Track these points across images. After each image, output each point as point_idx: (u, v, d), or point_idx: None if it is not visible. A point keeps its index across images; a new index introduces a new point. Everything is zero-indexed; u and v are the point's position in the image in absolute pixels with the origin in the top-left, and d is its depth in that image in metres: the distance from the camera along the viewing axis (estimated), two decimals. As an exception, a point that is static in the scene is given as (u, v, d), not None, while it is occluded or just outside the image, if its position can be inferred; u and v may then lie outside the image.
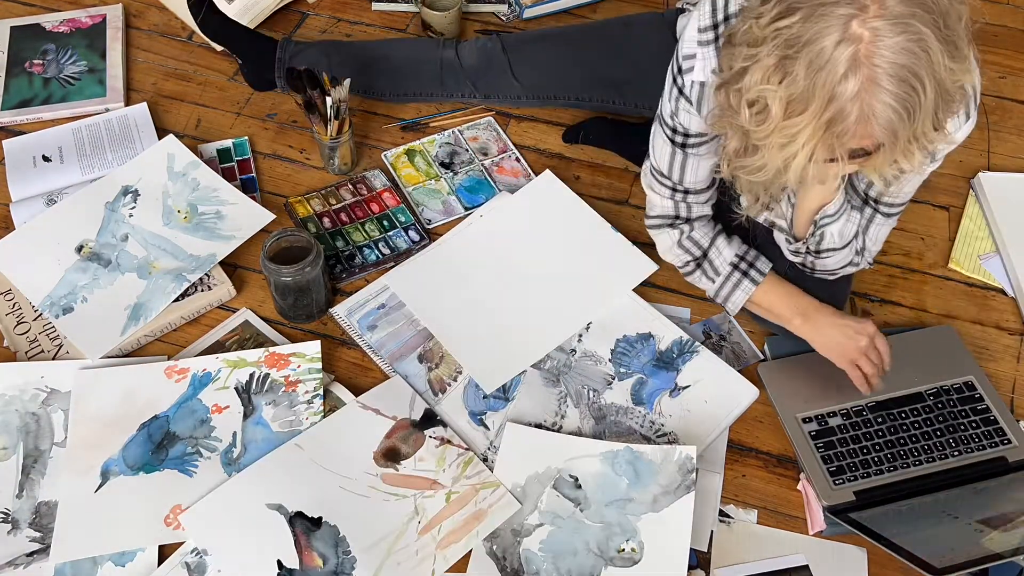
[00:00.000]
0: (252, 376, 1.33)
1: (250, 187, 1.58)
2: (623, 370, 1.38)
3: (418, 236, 1.52)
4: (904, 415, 1.31)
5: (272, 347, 1.36)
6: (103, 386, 1.31)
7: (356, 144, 1.62)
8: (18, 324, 1.39)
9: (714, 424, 1.33)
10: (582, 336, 1.41)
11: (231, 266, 1.47)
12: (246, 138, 1.65)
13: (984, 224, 1.57)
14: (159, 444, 1.27)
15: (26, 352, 1.36)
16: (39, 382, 1.32)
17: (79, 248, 1.45)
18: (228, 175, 1.58)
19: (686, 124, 1.21)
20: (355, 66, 1.63)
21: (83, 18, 1.81)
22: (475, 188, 1.59)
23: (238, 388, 1.32)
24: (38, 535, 1.20)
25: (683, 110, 1.19)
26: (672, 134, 1.23)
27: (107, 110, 1.67)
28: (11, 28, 1.78)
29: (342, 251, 1.50)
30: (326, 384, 1.34)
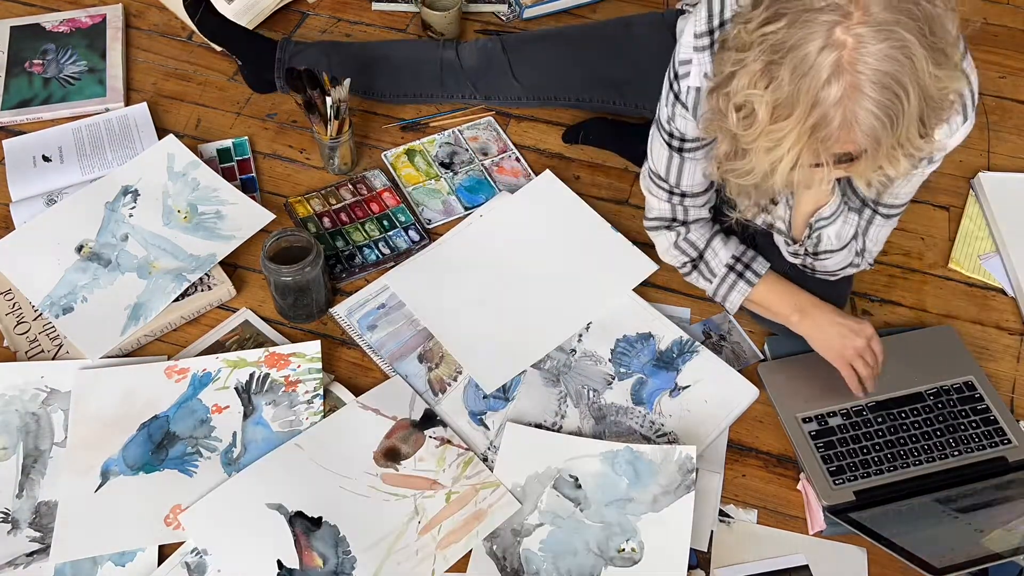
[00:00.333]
0: (252, 376, 1.33)
1: (250, 187, 1.58)
2: (623, 370, 1.38)
3: (418, 236, 1.52)
4: (904, 415, 1.31)
5: (272, 347, 1.36)
6: (103, 386, 1.31)
7: (356, 144, 1.62)
8: (18, 324, 1.39)
9: (714, 424, 1.33)
10: (582, 336, 1.41)
11: (231, 266, 1.47)
12: (246, 138, 1.65)
13: (984, 224, 1.58)
14: (159, 444, 1.27)
15: (26, 352, 1.36)
16: (39, 382, 1.32)
17: (79, 248, 1.45)
18: (228, 175, 1.58)
19: (682, 129, 1.21)
20: (355, 66, 1.63)
21: (83, 18, 1.81)
22: (475, 188, 1.59)
23: (238, 388, 1.32)
24: (38, 535, 1.20)
25: (679, 115, 1.20)
26: (669, 138, 1.24)
27: (107, 110, 1.67)
28: (11, 28, 1.78)
29: (342, 251, 1.50)
30: (326, 384, 1.34)
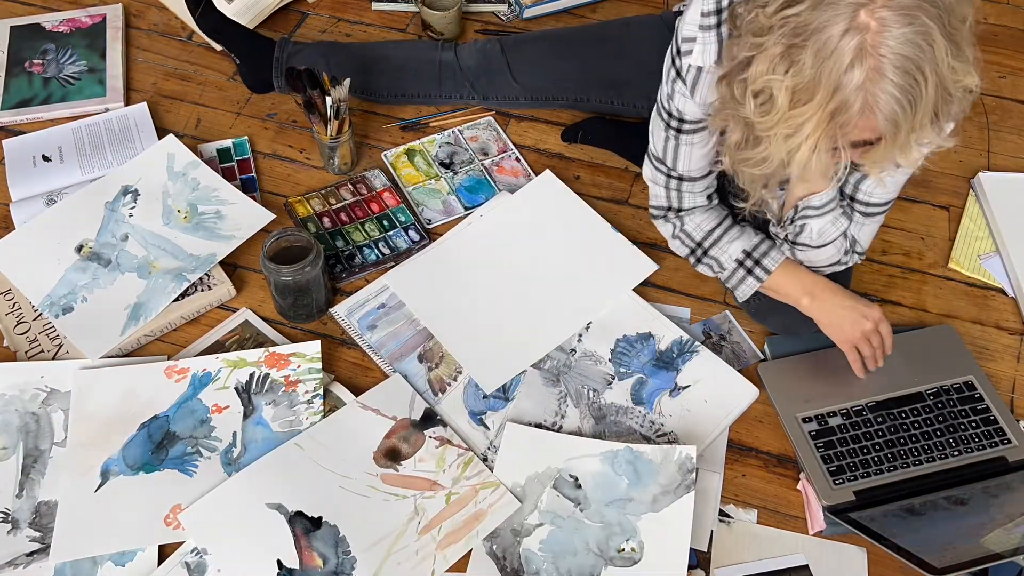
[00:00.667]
0: (252, 376, 1.33)
1: (250, 187, 1.58)
2: (623, 370, 1.38)
3: (418, 236, 1.52)
4: (904, 415, 1.31)
5: (272, 347, 1.36)
6: (103, 386, 1.31)
7: (356, 144, 1.62)
8: (18, 324, 1.39)
9: (714, 424, 1.33)
10: (582, 336, 1.41)
11: (231, 266, 1.47)
12: (246, 138, 1.65)
13: (984, 224, 1.58)
14: (159, 444, 1.27)
15: (26, 352, 1.36)
16: (39, 382, 1.32)
17: (79, 248, 1.45)
18: (228, 175, 1.58)
19: (681, 108, 1.20)
20: (353, 67, 1.63)
21: (83, 18, 1.81)
22: (475, 188, 1.59)
23: (238, 388, 1.32)
24: (38, 535, 1.20)
25: (678, 93, 1.19)
26: (668, 118, 1.23)
27: (107, 110, 1.67)
28: (11, 28, 1.78)
29: (342, 251, 1.50)
30: (326, 384, 1.34)
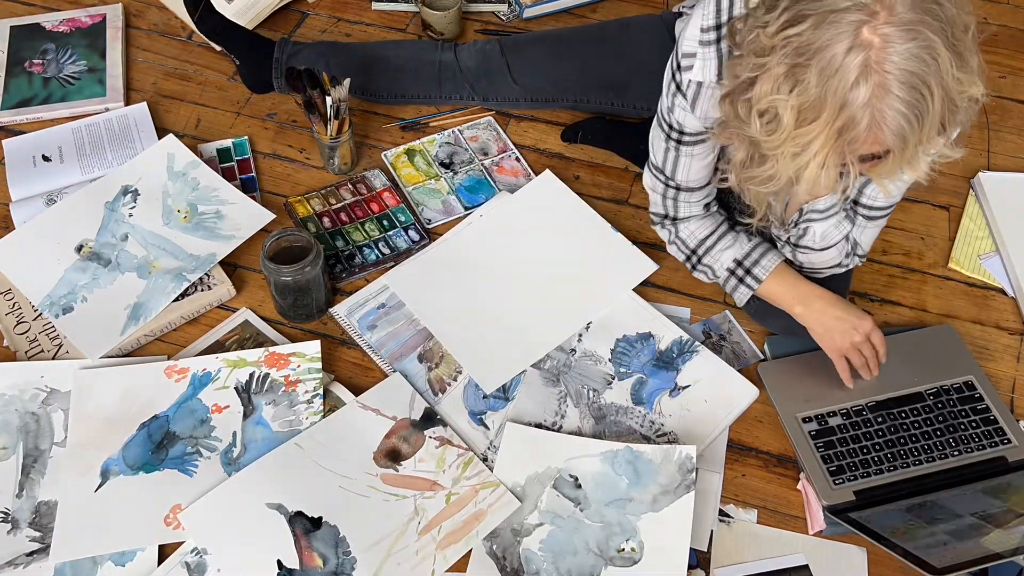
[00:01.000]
0: (252, 376, 1.33)
1: (250, 187, 1.58)
2: (623, 370, 1.38)
3: (418, 236, 1.52)
4: (904, 415, 1.31)
5: (272, 347, 1.36)
6: (103, 386, 1.31)
7: (356, 144, 1.62)
8: (18, 324, 1.39)
9: (714, 424, 1.33)
10: (582, 336, 1.41)
11: (231, 266, 1.47)
12: (246, 138, 1.65)
13: (984, 224, 1.57)
14: (159, 444, 1.27)
15: (26, 352, 1.36)
16: (39, 382, 1.32)
17: (79, 248, 1.45)
18: (228, 175, 1.58)
19: (681, 121, 1.21)
20: (353, 67, 1.63)
21: (83, 18, 1.81)
22: (475, 188, 1.59)
23: (238, 388, 1.32)
24: (38, 535, 1.20)
25: (679, 107, 1.19)
26: (668, 130, 1.24)
27: (107, 110, 1.67)
28: (11, 28, 1.78)
29: (342, 251, 1.50)
30: (326, 384, 1.34)
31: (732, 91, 1.02)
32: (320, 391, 1.32)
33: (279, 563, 1.17)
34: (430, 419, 1.31)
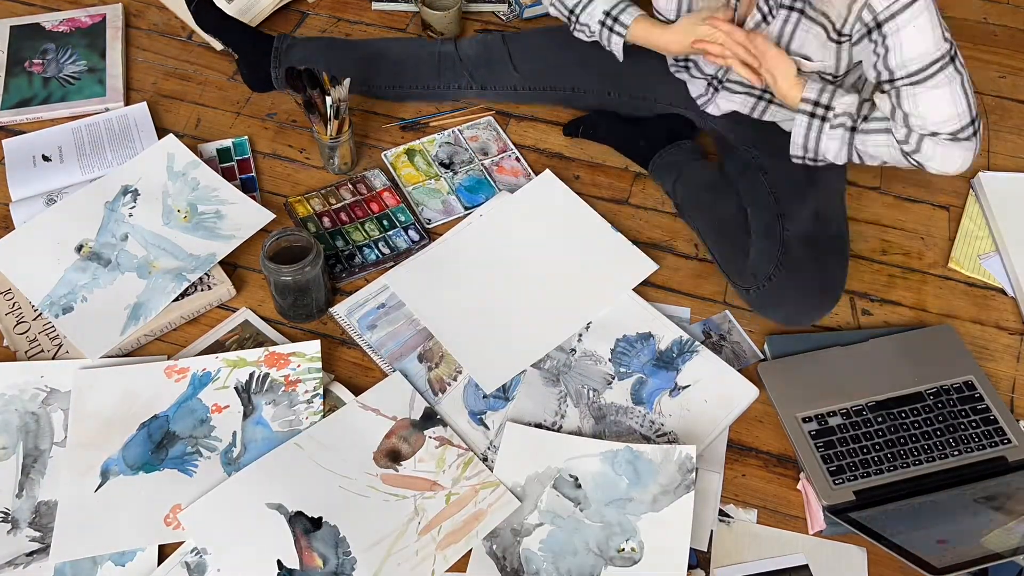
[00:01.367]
0: (252, 376, 1.33)
1: (250, 187, 1.58)
2: (623, 370, 1.38)
3: (418, 236, 1.52)
4: (904, 415, 1.31)
5: (272, 347, 1.36)
6: (103, 386, 1.31)
7: (356, 144, 1.62)
8: (18, 324, 1.39)
9: (714, 424, 1.33)
10: (582, 336, 1.41)
11: (231, 266, 1.47)
12: (246, 138, 1.65)
13: (984, 224, 1.57)
14: (159, 444, 1.27)
15: (26, 352, 1.36)
16: (39, 382, 1.32)
17: (79, 248, 1.45)
18: (228, 175, 1.58)
19: None
20: (351, 61, 1.63)
21: (83, 18, 1.81)
22: (475, 188, 1.59)
23: (238, 388, 1.32)
24: (38, 535, 1.20)
25: None
26: None
27: (107, 110, 1.67)
28: (11, 27, 1.78)
29: (342, 251, 1.50)
30: (326, 384, 1.34)
31: None
32: (320, 391, 1.32)
33: (279, 563, 1.17)
34: (430, 419, 1.31)
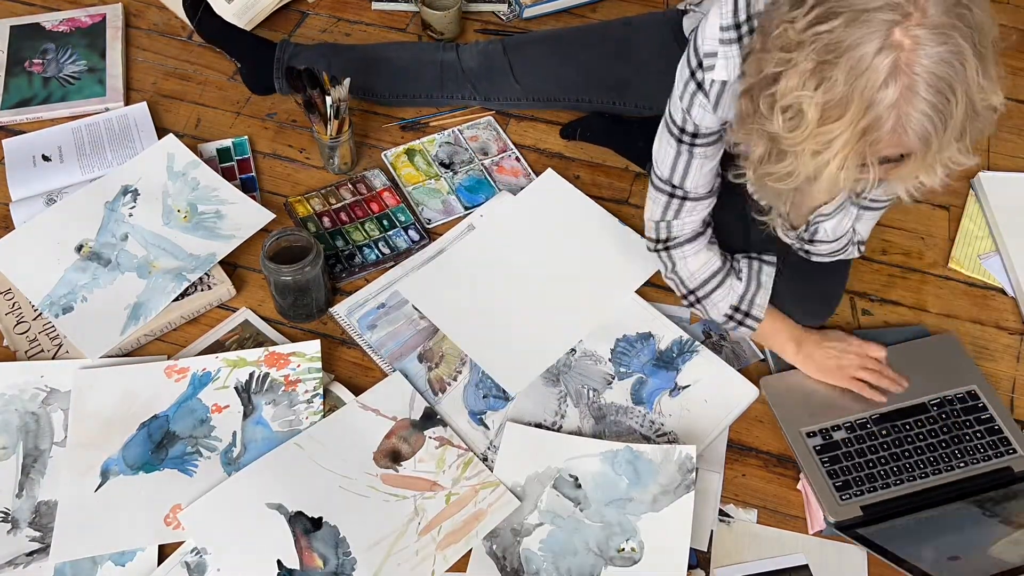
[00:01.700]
0: (252, 375, 1.33)
1: (250, 187, 1.58)
2: (623, 370, 1.38)
3: (418, 236, 1.52)
4: (908, 427, 1.30)
5: (272, 346, 1.36)
6: (103, 386, 1.31)
7: (356, 144, 1.62)
8: (18, 324, 1.39)
9: (714, 424, 1.32)
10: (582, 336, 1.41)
11: (231, 266, 1.47)
12: (246, 138, 1.65)
13: (984, 224, 1.57)
14: (159, 444, 1.27)
15: (26, 352, 1.36)
16: (39, 382, 1.32)
17: (79, 248, 1.45)
18: (228, 175, 1.58)
19: (699, 122, 1.19)
20: (354, 68, 1.63)
21: (83, 17, 1.81)
22: (475, 188, 1.59)
23: (238, 387, 1.32)
24: (38, 535, 1.20)
25: (698, 105, 1.17)
26: (680, 133, 1.22)
27: (107, 109, 1.67)
28: (11, 27, 1.78)
29: (342, 250, 1.50)
30: (326, 384, 1.34)
31: (753, 86, 1.01)
32: (320, 391, 1.32)
33: (279, 563, 1.17)
34: (430, 419, 1.31)
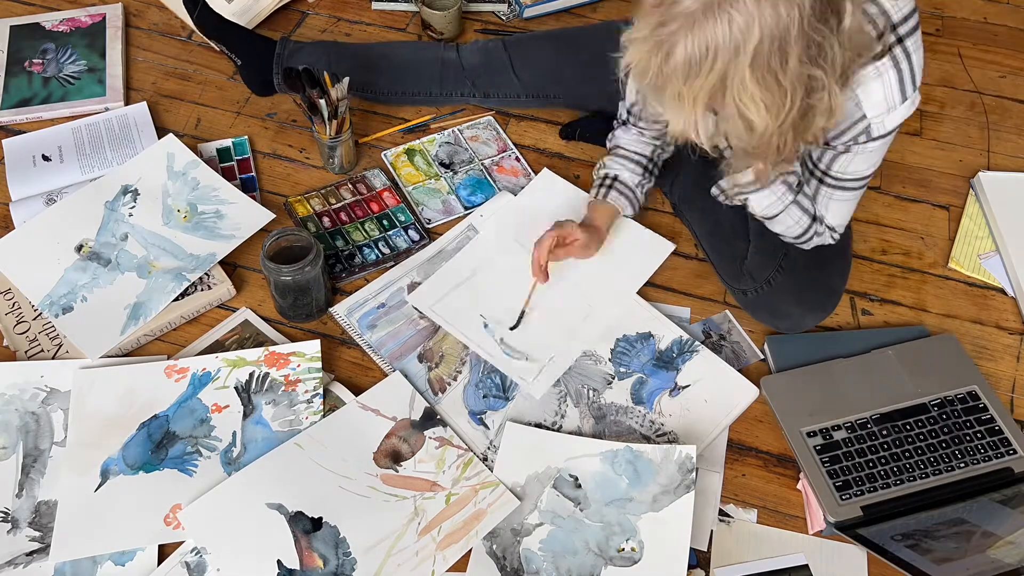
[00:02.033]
0: (252, 375, 1.33)
1: (250, 186, 1.58)
2: (623, 369, 1.38)
3: (418, 235, 1.52)
4: (908, 427, 1.30)
5: (272, 346, 1.36)
6: (103, 385, 1.31)
7: (356, 144, 1.62)
8: (18, 323, 1.39)
9: (714, 423, 1.32)
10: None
11: (231, 265, 1.47)
12: (246, 137, 1.65)
13: (984, 224, 1.57)
14: (159, 443, 1.27)
15: (26, 351, 1.36)
16: (39, 382, 1.32)
17: (79, 247, 1.45)
18: (228, 174, 1.58)
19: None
20: (354, 66, 1.63)
21: (83, 17, 1.81)
22: (475, 187, 1.59)
23: (238, 387, 1.32)
24: (38, 535, 1.20)
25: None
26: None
27: (107, 109, 1.67)
28: (11, 27, 1.78)
29: (342, 250, 1.50)
30: (326, 383, 1.34)
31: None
32: (320, 391, 1.32)
33: (279, 563, 1.17)
34: (430, 419, 1.31)
